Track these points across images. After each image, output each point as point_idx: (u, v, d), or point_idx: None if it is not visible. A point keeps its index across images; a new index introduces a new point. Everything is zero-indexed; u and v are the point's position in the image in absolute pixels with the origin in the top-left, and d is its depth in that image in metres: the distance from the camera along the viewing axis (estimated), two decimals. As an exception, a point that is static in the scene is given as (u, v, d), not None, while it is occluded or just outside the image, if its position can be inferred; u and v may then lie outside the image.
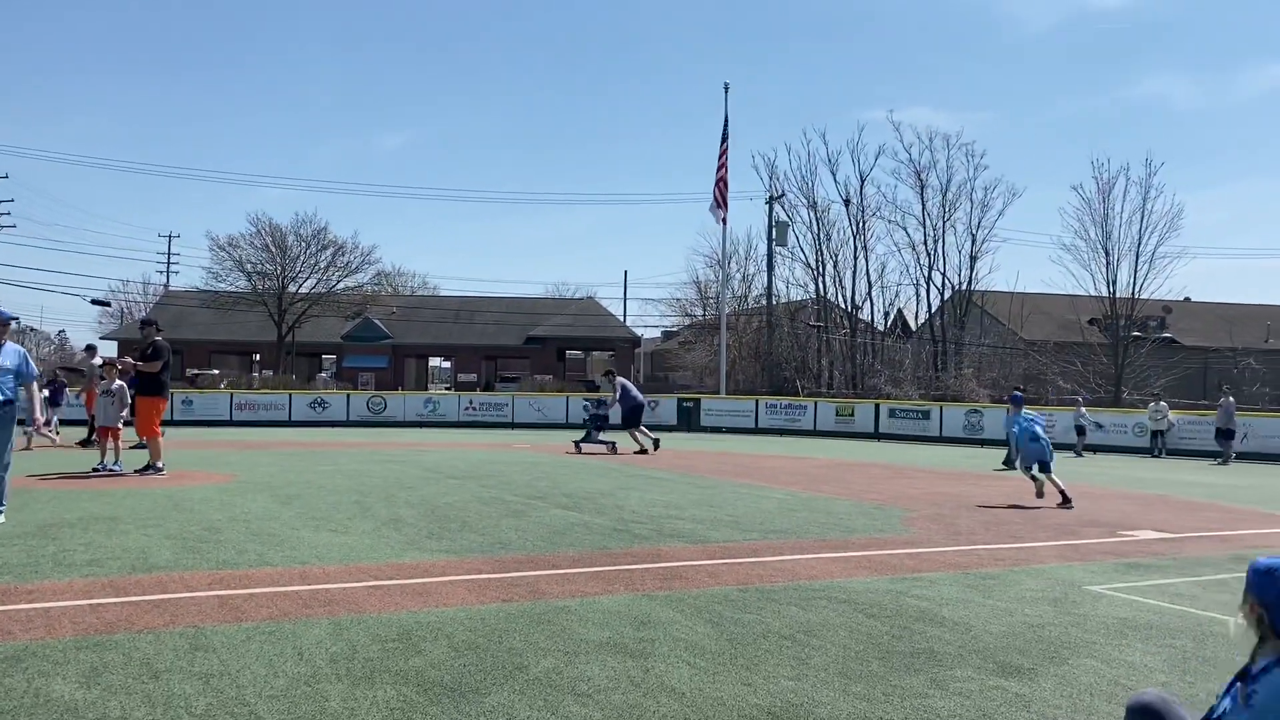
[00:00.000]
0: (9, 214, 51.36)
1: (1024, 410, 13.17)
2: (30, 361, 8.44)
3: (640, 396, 21.28)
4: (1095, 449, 25.70)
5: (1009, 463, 17.92)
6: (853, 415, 31.26)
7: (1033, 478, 11.86)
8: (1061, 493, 11.48)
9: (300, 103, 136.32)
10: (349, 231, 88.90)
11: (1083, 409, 25.54)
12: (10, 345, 8.30)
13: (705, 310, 57.45)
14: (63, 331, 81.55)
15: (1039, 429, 12.05)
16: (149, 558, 6.73)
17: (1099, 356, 43.14)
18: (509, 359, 56.04)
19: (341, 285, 50.14)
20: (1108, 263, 42.81)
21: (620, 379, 21.40)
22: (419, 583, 6.10)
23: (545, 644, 4.70)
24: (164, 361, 12.87)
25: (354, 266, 50.19)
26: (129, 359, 15.48)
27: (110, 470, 12.69)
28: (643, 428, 20.57)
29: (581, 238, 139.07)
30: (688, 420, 32.32)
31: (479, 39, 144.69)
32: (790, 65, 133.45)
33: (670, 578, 6.45)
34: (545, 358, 53.48)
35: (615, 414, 21.04)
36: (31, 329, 73.89)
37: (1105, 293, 43.24)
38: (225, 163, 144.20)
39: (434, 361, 63.90)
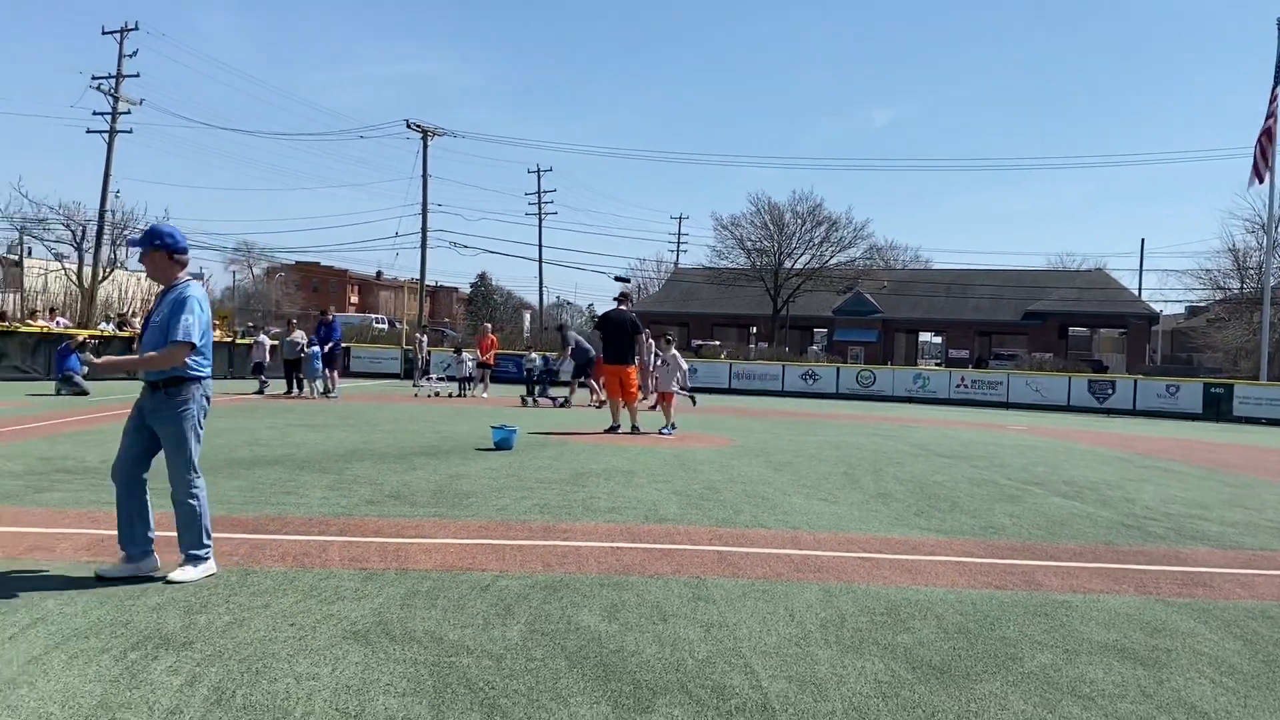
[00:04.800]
0: (552, 202, 59.13)
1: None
2: (193, 312, 4.83)
3: (592, 351, 21.38)
4: None
5: None
6: None
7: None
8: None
9: (793, 87, 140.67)
10: (842, 207, 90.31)
11: None
12: (177, 290, 4.94)
13: (1243, 283, 50.06)
14: (592, 305, 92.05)
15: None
16: (659, 510, 7.39)
17: None
18: (1004, 335, 53.42)
19: (834, 260, 51.18)
20: None
21: (573, 333, 21.82)
22: (907, 559, 6.04)
23: (1041, 638, 4.42)
24: (601, 330, 14.33)
25: (846, 242, 51.03)
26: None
27: (670, 431, 13.98)
28: (594, 383, 21.10)
29: (1089, 204, 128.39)
30: (1215, 408, 28.52)
31: (966, 6, 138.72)
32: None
33: (1190, 584, 5.75)
34: (1045, 334, 50.19)
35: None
36: (568, 303, 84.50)
37: None
38: (729, 146, 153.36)
39: (924, 336, 62.87)
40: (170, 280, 4.99)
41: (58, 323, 26.59)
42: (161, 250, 4.97)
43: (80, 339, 21.64)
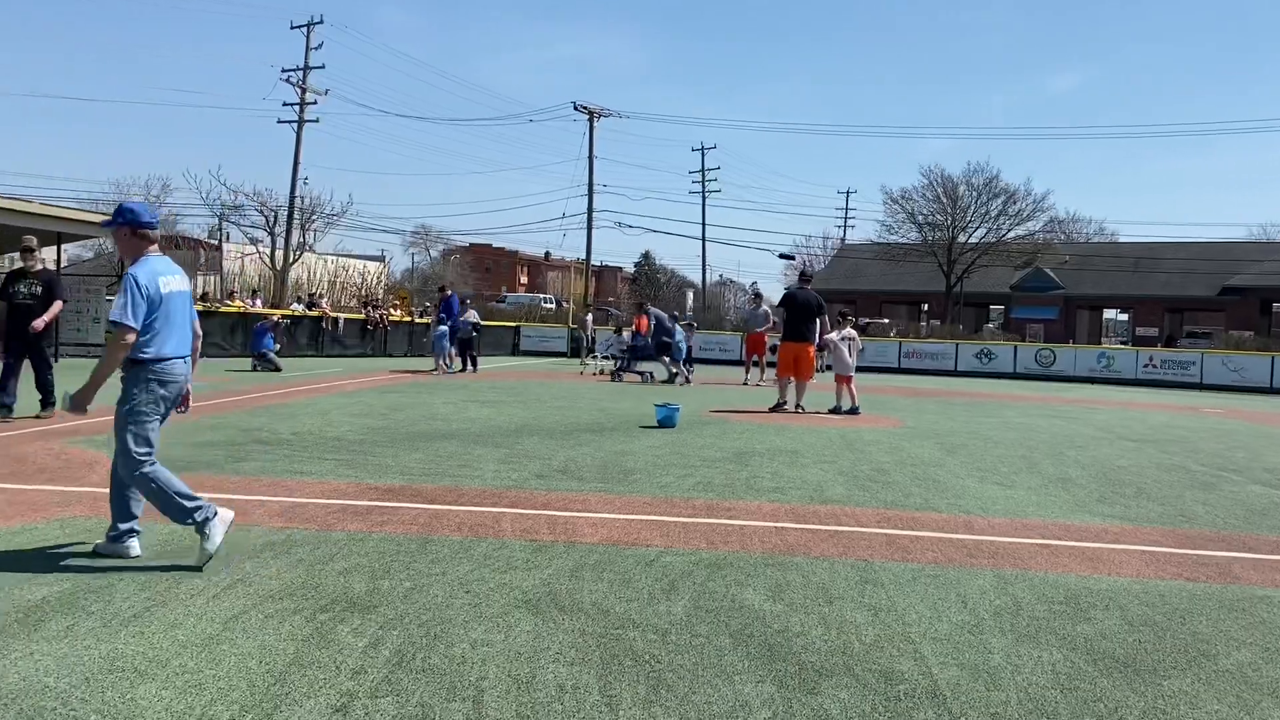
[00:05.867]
0: (715, 180, 58.99)
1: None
2: (127, 292, 4.54)
3: (673, 327, 21.71)
4: None
5: None
6: None
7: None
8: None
9: (967, 53, 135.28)
10: (1020, 178, 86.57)
11: None
12: (141, 263, 4.71)
13: None
14: (755, 282, 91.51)
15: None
16: (824, 490, 7.30)
17: None
18: (1197, 312, 50.07)
19: (1012, 234, 49.12)
20: None
21: (654, 310, 22.01)
22: (1088, 547, 5.76)
23: (1239, 635, 4.14)
24: (784, 308, 14.55)
25: (1025, 214, 48.85)
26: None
27: (845, 412, 13.66)
28: (665, 359, 21.11)
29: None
30: None
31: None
32: None
33: None
34: (1244, 311, 46.70)
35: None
36: (730, 280, 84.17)
37: None
38: (899, 117, 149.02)
39: (1108, 314, 59.58)
40: (135, 256, 4.76)
41: (254, 303, 28.43)
42: (125, 225, 4.75)
43: (274, 318, 23.08)
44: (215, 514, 4.65)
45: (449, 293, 22.60)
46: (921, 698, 3.30)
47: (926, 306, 55.37)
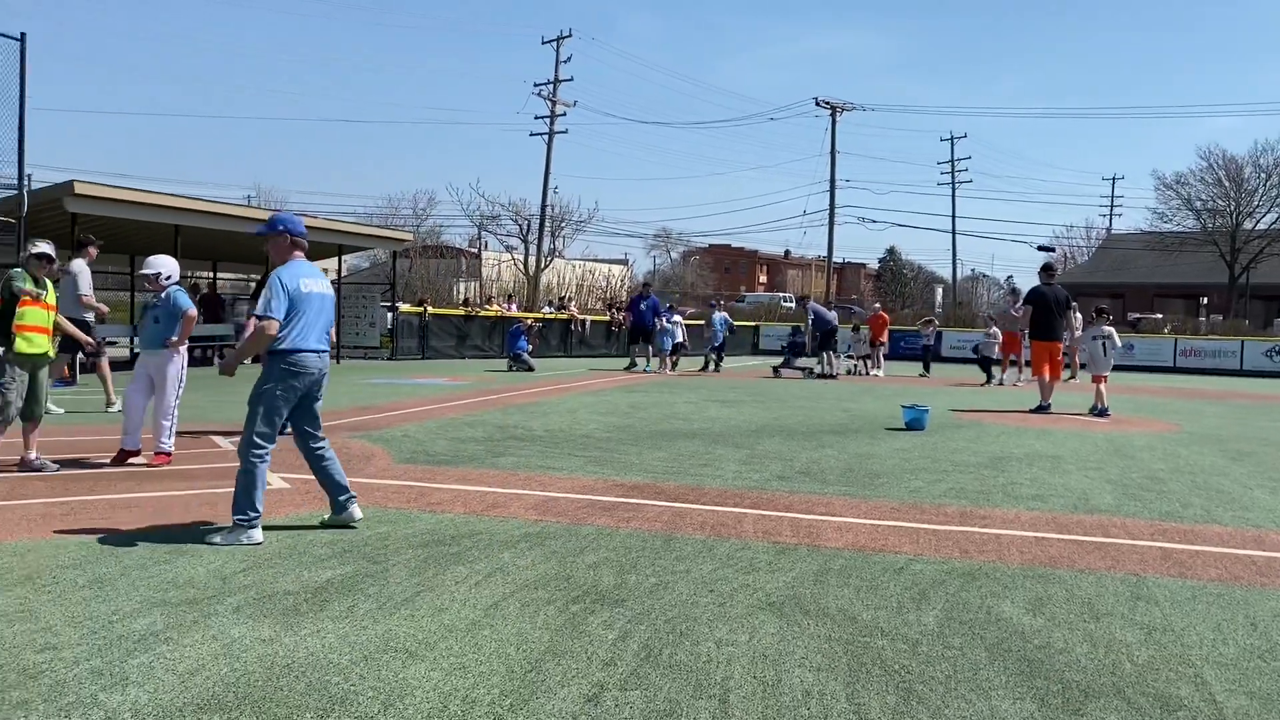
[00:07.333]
0: (966, 170, 56.51)
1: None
2: (272, 288, 5.10)
3: (833, 320, 21.53)
4: None
5: None
6: None
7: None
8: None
9: (1249, 20, 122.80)
10: (1318, 156, 77.62)
11: None
12: (287, 266, 5.27)
13: None
14: (1010, 277, 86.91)
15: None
16: (1090, 499, 6.82)
17: None
18: None
19: (1307, 219, 44.21)
20: None
21: (812, 304, 22.08)
22: None
23: None
24: (1032, 306, 13.50)
25: (1325, 196, 43.82)
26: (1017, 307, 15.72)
27: (1098, 413, 12.73)
28: (830, 354, 21.04)
29: None
30: None
31: None
32: None
33: None
34: None
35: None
36: (983, 275, 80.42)
37: None
38: (1171, 96, 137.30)
39: None
40: (284, 261, 5.29)
41: (509, 307, 29.96)
42: (284, 233, 5.32)
43: (527, 322, 24.23)
44: (256, 528, 5.06)
45: (649, 292, 22.88)
46: (1205, 729, 3.01)
47: (1206, 300, 50.66)
